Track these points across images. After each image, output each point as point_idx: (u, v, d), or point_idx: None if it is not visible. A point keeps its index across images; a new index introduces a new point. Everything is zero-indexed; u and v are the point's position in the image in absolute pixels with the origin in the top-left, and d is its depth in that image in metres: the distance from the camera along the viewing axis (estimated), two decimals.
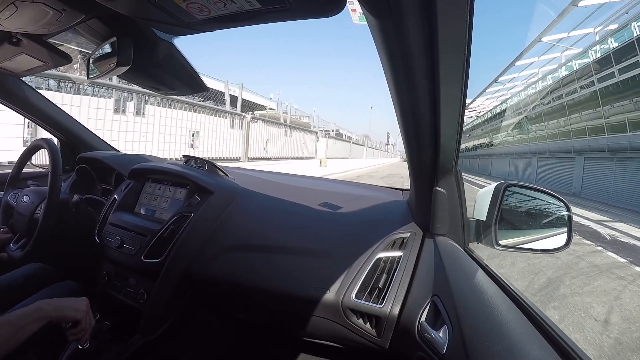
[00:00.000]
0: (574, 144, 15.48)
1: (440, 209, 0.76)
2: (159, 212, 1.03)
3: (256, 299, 0.89)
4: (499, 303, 0.51)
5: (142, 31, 0.61)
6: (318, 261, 0.84)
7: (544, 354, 0.40)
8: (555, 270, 3.32)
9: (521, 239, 0.74)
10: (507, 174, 23.36)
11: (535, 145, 20.26)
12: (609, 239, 5.42)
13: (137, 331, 0.88)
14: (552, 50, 16.46)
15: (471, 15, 0.39)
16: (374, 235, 0.84)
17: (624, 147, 11.87)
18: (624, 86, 11.93)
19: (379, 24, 0.42)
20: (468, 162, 39.26)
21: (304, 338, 0.91)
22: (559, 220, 0.72)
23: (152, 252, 0.91)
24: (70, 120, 1.44)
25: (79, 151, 1.42)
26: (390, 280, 0.75)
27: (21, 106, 1.26)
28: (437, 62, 0.46)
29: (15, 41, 0.70)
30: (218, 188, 1.00)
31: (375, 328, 0.74)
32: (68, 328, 0.68)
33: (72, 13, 0.54)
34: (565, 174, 16.15)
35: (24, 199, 0.98)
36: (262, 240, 0.91)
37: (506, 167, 24.45)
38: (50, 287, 0.96)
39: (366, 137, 31.47)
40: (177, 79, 0.75)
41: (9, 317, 0.58)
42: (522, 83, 21.91)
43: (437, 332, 0.54)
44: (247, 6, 0.45)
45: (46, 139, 1.05)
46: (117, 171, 1.23)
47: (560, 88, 16.34)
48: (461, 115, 0.57)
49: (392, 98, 0.57)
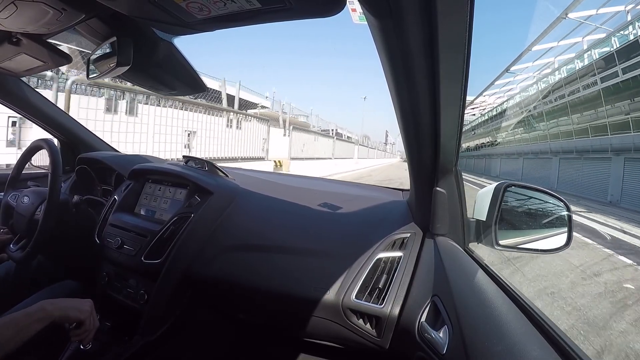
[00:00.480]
0: (612, 141, 12.29)
1: (440, 209, 0.76)
2: (159, 213, 1.02)
3: (256, 299, 0.89)
4: (499, 303, 0.51)
5: (142, 31, 0.61)
6: (318, 261, 0.84)
7: (544, 354, 0.40)
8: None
9: (521, 239, 0.74)
10: (520, 178, 19.35)
11: (557, 143, 16.50)
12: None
13: (137, 332, 0.88)
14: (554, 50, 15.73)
15: (471, 15, 0.39)
16: (374, 236, 0.84)
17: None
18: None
19: (379, 24, 0.42)
20: (473, 162, 36.21)
21: (304, 338, 0.90)
22: (559, 220, 0.72)
23: (152, 253, 0.91)
24: (70, 121, 1.44)
25: (79, 152, 1.42)
26: (390, 281, 0.75)
27: (21, 106, 1.26)
28: (437, 61, 0.46)
29: (15, 41, 0.70)
30: (218, 188, 1.00)
31: (375, 328, 0.74)
32: (71, 329, 0.67)
33: (72, 13, 0.54)
34: (599, 179, 13.01)
35: (24, 199, 0.98)
36: (262, 240, 0.91)
37: (516, 168, 21.29)
38: (49, 287, 0.96)
39: (366, 137, 30.46)
40: (177, 79, 0.75)
41: (12, 316, 0.58)
42: (534, 75, 19.92)
43: (437, 332, 0.54)
44: (247, 6, 0.45)
45: (46, 139, 1.05)
46: (117, 172, 1.23)
47: (594, 73, 13.13)
48: (461, 115, 0.57)
49: (392, 98, 0.57)
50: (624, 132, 11.62)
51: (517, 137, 23.31)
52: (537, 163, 19.47)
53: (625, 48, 11.53)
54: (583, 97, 14.29)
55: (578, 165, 14.86)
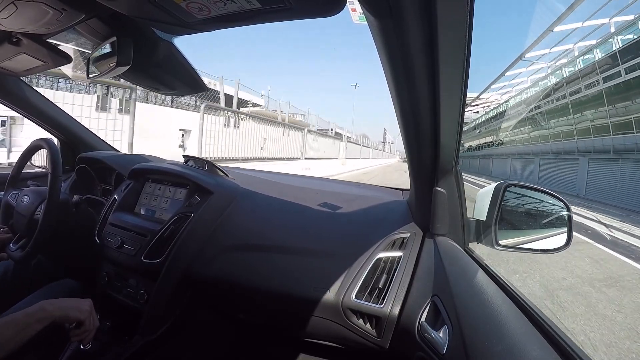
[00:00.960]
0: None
1: (440, 209, 0.76)
2: (159, 213, 1.03)
3: (256, 299, 0.89)
4: (499, 303, 0.51)
5: (142, 31, 0.61)
6: (318, 261, 0.84)
7: (544, 354, 0.40)
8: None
9: (521, 239, 0.74)
10: (536, 182, 15.35)
11: (587, 141, 13.57)
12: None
13: (137, 331, 0.88)
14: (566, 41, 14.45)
15: (471, 15, 0.39)
16: (374, 235, 0.84)
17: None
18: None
19: (379, 24, 0.42)
20: (478, 162, 32.42)
21: (304, 338, 0.90)
22: (559, 220, 0.72)
23: (152, 253, 0.91)
24: (70, 120, 1.44)
25: (79, 151, 1.42)
26: (390, 281, 0.75)
27: (21, 106, 1.26)
28: (437, 61, 0.46)
29: (15, 41, 0.70)
30: (218, 188, 1.00)
31: (375, 328, 0.74)
32: (71, 329, 0.67)
33: (72, 13, 0.54)
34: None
35: (24, 199, 0.98)
36: (262, 240, 0.91)
37: (530, 170, 18.51)
38: (49, 286, 0.96)
39: (365, 137, 28.48)
40: (177, 79, 0.75)
41: (12, 316, 0.58)
42: (548, 65, 17.47)
43: (437, 332, 0.54)
44: (247, 6, 0.45)
45: (46, 139, 1.05)
46: (117, 171, 1.23)
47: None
48: (461, 115, 0.57)
49: (392, 98, 0.57)
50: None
51: (532, 134, 20.03)
52: (557, 164, 16.59)
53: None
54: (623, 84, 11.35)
55: (616, 167, 12.00)
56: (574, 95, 14.14)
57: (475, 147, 35.26)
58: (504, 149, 25.04)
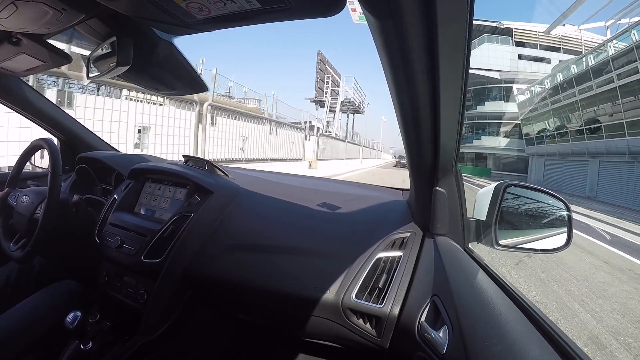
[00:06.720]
0: None
1: (440, 209, 0.76)
2: (158, 212, 1.02)
3: (256, 299, 0.89)
4: (499, 303, 0.51)
5: (142, 31, 0.61)
6: (318, 261, 0.84)
7: (544, 354, 0.40)
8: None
9: (521, 239, 0.74)
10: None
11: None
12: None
13: (137, 331, 0.88)
14: None
15: (471, 15, 0.39)
16: (374, 235, 0.84)
17: None
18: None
19: (379, 24, 0.42)
20: (557, 166, 17.90)
21: (304, 338, 0.90)
22: (559, 220, 0.72)
23: (152, 252, 0.91)
24: (70, 120, 1.44)
25: (79, 151, 1.42)
26: (390, 280, 0.75)
27: (21, 106, 1.26)
28: (437, 61, 0.46)
29: (15, 41, 0.70)
30: (218, 188, 1.00)
31: (375, 328, 0.74)
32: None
33: (72, 12, 0.54)
34: None
35: (23, 199, 0.98)
36: (262, 240, 0.91)
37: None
38: (49, 287, 0.96)
39: (357, 135, 23.38)
40: (177, 79, 0.75)
41: None
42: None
43: (437, 332, 0.54)
44: (247, 6, 0.45)
45: (46, 139, 1.05)
46: (117, 171, 1.23)
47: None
48: (461, 115, 0.57)
49: (392, 98, 0.57)
50: None
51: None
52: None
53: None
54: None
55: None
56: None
57: (554, 130, 17.29)
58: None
